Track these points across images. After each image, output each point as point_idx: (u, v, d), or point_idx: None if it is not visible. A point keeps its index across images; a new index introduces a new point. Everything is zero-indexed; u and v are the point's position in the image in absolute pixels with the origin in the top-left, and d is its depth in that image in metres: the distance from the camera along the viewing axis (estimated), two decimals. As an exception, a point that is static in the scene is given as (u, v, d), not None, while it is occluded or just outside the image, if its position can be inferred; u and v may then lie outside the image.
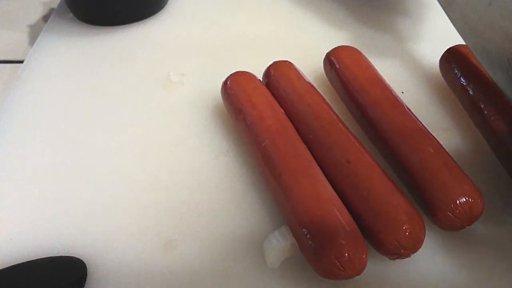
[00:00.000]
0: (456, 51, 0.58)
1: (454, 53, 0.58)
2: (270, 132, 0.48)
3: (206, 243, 0.45)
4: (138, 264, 0.44)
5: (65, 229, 0.47)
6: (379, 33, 0.73)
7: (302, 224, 0.40)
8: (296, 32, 0.75)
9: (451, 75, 0.57)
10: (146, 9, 0.78)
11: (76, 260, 0.43)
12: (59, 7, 0.81)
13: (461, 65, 0.56)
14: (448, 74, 0.58)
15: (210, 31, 0.76)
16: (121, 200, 0.49)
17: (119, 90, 0.64)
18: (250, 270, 0.43)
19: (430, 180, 0.44)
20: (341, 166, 0.45)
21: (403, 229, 0.40)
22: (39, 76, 0.67)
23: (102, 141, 0.56)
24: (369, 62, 0.58)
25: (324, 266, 0.39)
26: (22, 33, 0.82)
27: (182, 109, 0.61)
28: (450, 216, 0.42)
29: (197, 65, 0.68)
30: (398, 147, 0.47)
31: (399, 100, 0.52)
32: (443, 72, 0.60)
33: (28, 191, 0.50)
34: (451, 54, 0.58)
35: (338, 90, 0.59)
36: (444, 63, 0.59)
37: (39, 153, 0.55)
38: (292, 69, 0.57)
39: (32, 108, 0.61)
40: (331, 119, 0.50)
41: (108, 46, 0.72)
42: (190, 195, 0.50)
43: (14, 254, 0.44)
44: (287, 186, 0.44)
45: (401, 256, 0.41)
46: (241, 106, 0.52)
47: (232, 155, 0.54)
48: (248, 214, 0.48)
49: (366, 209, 0.42)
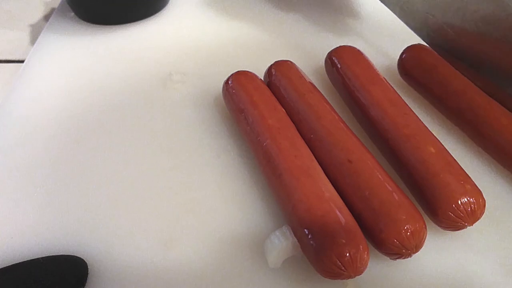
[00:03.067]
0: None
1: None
2: (271, 131, 0.48)
3: (207, 242, 0.45)
4: (139, 263, 0.44)
5: (66, 228, 0.47)
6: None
7: (303, 224, 0.40)
8: (297, 32, 0.75)
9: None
10: (148, 8, 0.78)
11: (77, 259, 0.43)
12: (60, 6, 0.82)
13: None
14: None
15: (211, 31, 0.76)
16: (122, 199, 0.49)
17: (120, 89, 0.64)
18: (251, 270, 0.43)
19: (431, 179, 0.44)
20: (342, 166, 0.45)
21: (404, 229, 0.40)
22: (40, 75, 0.67)
23: (102, 140, 0.56)
24: (370, 62, 0.58)
25: (325, 266, 0.39)
26: (23, 33, 0.83)
27: (183, 108, 0.61)
28: (452, 216, 0.42)
29: (198, 65, 0.68)
30: (399, 146, 0.47)
31: (400, 99, 0.52)
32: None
33: (29, 191, 0.50)
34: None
35: (339, 89, 0.59)
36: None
37: (40, 153, 0.55)
38: (293, 69, 0.57)
39: (33, 107, 0.61)
40: (332, 119, 0.50)
41: (109, 46, 0.72)
42: (191, 194, 0.50)
43: (15, 253, 0.44)
44: (288, 185, 0.44)
45: (402, 256, 0.41)
46: (242, 106, 0.52)
47: (233, 154, 0.54)
48: (249, 213, 0.48)
49: (367, 208, 0.42)
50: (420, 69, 0.58)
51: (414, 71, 0.59)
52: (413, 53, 0.60)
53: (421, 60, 0.59)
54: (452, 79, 0.55)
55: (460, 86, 0.54)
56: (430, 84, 0.57)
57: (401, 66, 0.61)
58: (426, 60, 0.58)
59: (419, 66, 0.59)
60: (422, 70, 0.58)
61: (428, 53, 0.59)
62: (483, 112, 0.51)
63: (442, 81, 0.55)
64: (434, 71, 0.56)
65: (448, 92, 0.54)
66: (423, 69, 0.58)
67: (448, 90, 0.54)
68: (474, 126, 0.52)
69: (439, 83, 0.55)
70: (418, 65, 0.59)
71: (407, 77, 0.61)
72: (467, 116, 0.52)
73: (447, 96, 0.55)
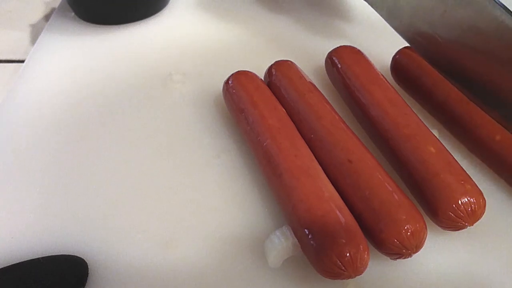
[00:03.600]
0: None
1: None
2: (271, 131, 0.48)
3: (207, 242, 0.45)
4: (139, 263, 0.44)
5: (66, 228, 0.47)
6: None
7: (304, 224, 0.40)
8: (298, 32, 0.75)
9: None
10: (148, 8, 0.78)
11: (77, 259, 0.43)
12: (60, 6, 0.81)
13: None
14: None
15: (212, 31, 0.76)
16: (122, 199, 0.49)
17: (121, 89, 0.64)
18: (252, 270, 0.43)
19: (431, 179, 0.44)
20: (342, 166, 0.45)
21: (404, 229, 0.40)
22: (40, 75, 0.67)
23: (103, 140, 0.56)
24: (370, 62, 0.58)
25: (325, 266, 0.39)
26: (23, 32, 0.82)
27: (183, 108, 0.61)
28: (452, 216, 0.42)
29: (198, 65, 0.68)
30: (400, 146, 0.47)
31: (400, 99, 0.52)
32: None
33: (29, 190, 0.50)
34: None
35: (339, 89, 0.59)
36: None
37: (40, 152, 0.55)
38: (293, 69, 0.57)
39: (33, 107, 0.61)
40: (332, 119, 0.50)
41: (109, 45, 0.72)
42: (191, 194, 0.50)
43: (15, 252, 0.44)
44: (289, 185, 0.43)
45: (402, 256, 0.41)
46: (242, 106, 0.52)
47: (233, 154, 0.54)
48: (249, 213, 0.48)
49: (367, 208, 0.42)
50: (408, 75, 0.58)
51: (404, 76, 0.59)
52: (401, 58, 0.59)
53: (408, 66, 0.58)
54: (436, 87, 0.54)
55: (443, 95, 0.53)
56: (418, 91, 0.57)
57: (392, 70, 0.61)
58: (413, 66, 0.57)
59: (407, 72, 0.58)
60: (410, 77, 0.58)
61: (414, 59, 0.58)
62: (464, 121, 0.51)
63: (427, 89, 0.55)
64: (421, 78, 0.56)
65: (433, 100, 0.54)
66: (411, 75, 0.57)
67: (433, 98, 0.54)
68: (462, 133, 0.52)
69: (425, 91, 0.55)
70: (406, 71, 0.58)
71: (398, 81, 0.60)
72: (455, 123, 0.52)
73: (433, 104, 0.55)
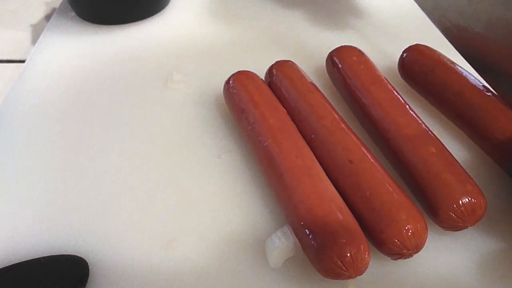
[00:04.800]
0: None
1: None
2: (272, 131, 0.48)
3: (208, 242, 0.45)
4: (140, 262, 0.44)
5: (67, 228, 0.47)
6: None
7: (304, 224, 0.40)
8: (298, 32, 0.75)
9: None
10: (149, 8, 0.78)
11: (78, 258, 0.43)
12: (61, 6, 0.82)
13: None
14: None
15: (212, 31, 0.76)
16: (123, 199, 0.49)
17: (121, 89, 0.64)
18: (252, 270, 0.43)
19: (432, 180, 0.44)
20: (343, 166, 0.45)
21: (405, 229, 0.40)
22: (41, 75, 0.67)
23: (103, 140, 0.56)
24: (371, 62, 0.58)
25: (326, 266, 0.39)
26: (24, 32, 0.82)
27: (184, 108, 0.61)
28: (453, 216, 0.42)
29: (199, 65, 0.68)
30: (400, 146, 0.47)
31: (401, 99, 0.52)
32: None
33: (29, 190, 0.50)
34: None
35: (340, 89, 0.59)
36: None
37: (41, 152, 0.55)
38: (294, 69, 0.57)
39: (34, 107, 0.61)
40: (333, 119, 0.50)
41: (110, 45, 0.72)
42: (192, 194, 0.50)
43: (16, 252, 0.44)
44: (289, 185, 0.43)
45: (403, 256, 0.41)
46: (243, 106, 0.52)
47: (234, 154, 0.54)
48: (250, 213, 0.48)
49: (368, 208, 0.42)
50: (420, 70, 0.58)
51: (414, 72, 0.59)
52: (412, 54, 0.60)
53: (420, 61, 0.58)
54: (451, 79, 0.54)
55: (459, 87, 0.53)
56: (430, 84, 0.57)
57: (401, 67, 0.61)
58: (426, 60, 0.58)
59: (418, 67, 0.58)
60: (422, 71, 0.58)
61: (428, 53, 0.59)
62: (481, 112, 0.51)
63: (440, 81, 0.55)
64: (433, 71, 0.56)
65: (446, 92, 0.54)
66: (423, 69, 0.58)
67: (447, 91, 0.54)
68: (473, 127, 0.52)
69: (438, 84, 0.55)
70: (418, 66, 0.58)
71: (407, 77, 0.61)
72: (466, 116, 0.52)
73: (446, 97, 0.54)
